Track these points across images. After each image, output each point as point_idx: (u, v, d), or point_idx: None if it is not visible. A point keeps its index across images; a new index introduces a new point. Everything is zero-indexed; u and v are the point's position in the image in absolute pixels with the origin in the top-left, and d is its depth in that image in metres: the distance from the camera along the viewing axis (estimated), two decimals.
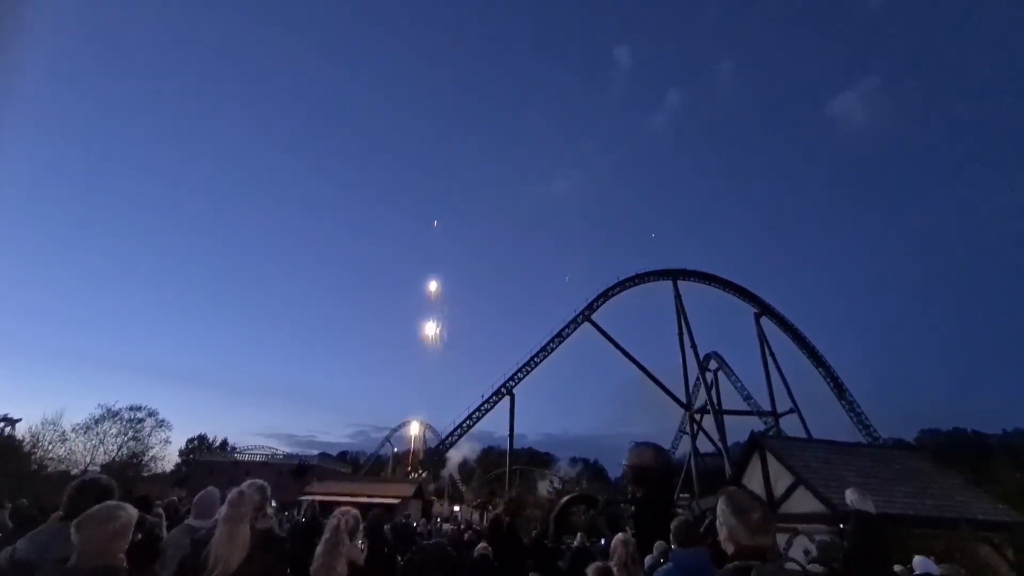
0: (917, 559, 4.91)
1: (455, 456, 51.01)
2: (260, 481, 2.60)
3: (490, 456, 60.55)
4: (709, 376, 44.29)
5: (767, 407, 41.34)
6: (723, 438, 38.53)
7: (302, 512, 17.08)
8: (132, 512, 2.00)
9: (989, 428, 46.87)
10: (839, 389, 41.72)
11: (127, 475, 22.93)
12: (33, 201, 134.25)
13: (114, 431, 24.77)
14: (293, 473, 39.98)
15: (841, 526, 7.70)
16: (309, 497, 27.12)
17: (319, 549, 2.88)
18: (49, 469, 21.16)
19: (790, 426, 38.84)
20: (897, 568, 4.30)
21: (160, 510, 5.66)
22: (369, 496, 27.36)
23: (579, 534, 9.14)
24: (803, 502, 11.01)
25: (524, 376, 40.58)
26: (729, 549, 1.86)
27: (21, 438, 22.78)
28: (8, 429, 24.10)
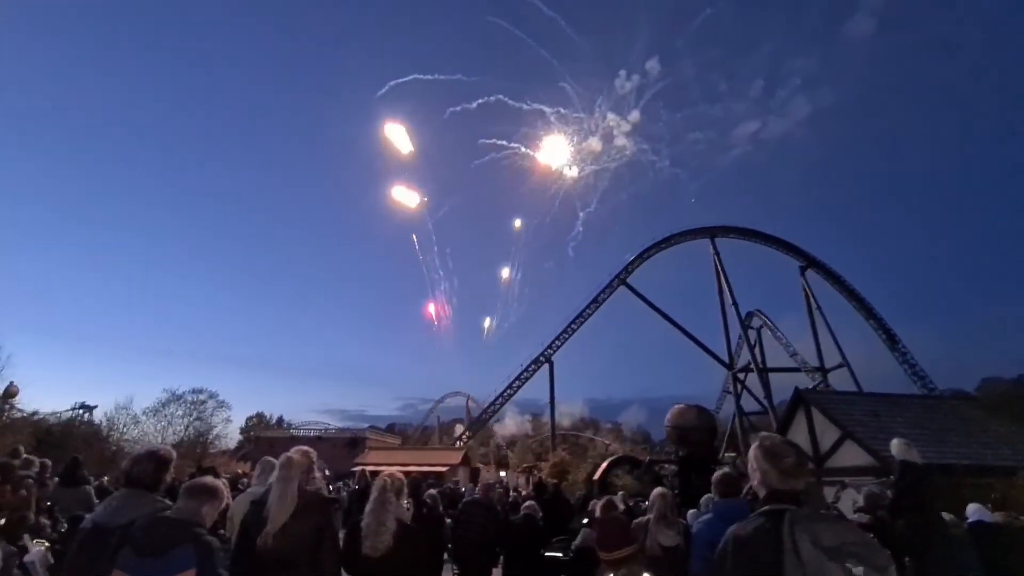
0: (971, 507, 4.79)
1: (501, 425, 52.52)
2: (305, 447, 2.81)
3: (535, 423, 61.78)
4: (752, 334, 43.35)
5: (815, 363, 40.28)
6: (768, 396, 37.90)
7: (355, 480, 18.01)
8: (225, 491, 2.52)
9: None
10: (891, 340, 40.04)
11: (195, 452, 24.63)
12: (98, 196, 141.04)
13: (180, 413, 26.45)
14: (346, 446, 42.00)
15: (890, 476, 7.58)
16: (361, 467, 28.47)
17: (368, 507, 3.13)
18: (126, 450, 22.91)
19: (840, 381, 37.77)
20: (947, 516, 4.21)
21: (224, 480, 6.15)
22: (419, 464, 28.47)
23: (620, 493, 9.31)
24: (850, 455, 10.87)
25: (562, 344, 40.87)
26: (761, 493, 1.86)
27: (99, 423, 24.88)
28: (87, 415, 26.31)
